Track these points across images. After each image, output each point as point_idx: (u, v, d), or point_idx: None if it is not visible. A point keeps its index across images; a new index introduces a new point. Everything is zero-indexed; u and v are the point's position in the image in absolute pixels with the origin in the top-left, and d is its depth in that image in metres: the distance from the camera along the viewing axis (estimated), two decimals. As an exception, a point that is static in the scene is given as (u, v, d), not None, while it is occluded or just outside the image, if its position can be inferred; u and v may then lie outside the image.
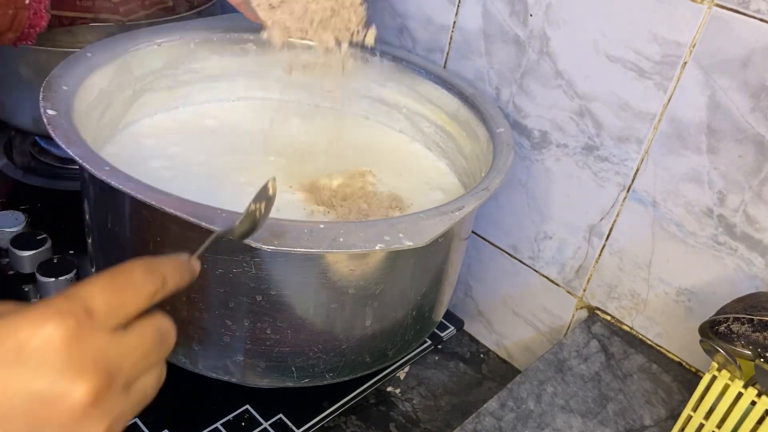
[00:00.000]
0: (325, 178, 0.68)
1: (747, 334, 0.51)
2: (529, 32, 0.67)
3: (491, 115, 0.68)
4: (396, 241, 0.47)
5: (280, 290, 0.51)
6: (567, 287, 0.73)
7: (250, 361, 0.55)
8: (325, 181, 0.68)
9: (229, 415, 0.61)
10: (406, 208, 0.67)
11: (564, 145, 0.68)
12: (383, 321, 0.57)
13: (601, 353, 0.66)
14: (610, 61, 0.62)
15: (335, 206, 0.64)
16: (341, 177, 0.69)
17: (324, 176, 0.69)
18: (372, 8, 0.82)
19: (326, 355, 0.56)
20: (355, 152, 0.75)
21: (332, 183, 0.68)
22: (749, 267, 0.59)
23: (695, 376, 0.65)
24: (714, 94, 0.56)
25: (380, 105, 0.81)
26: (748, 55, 0.54)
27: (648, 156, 0.62)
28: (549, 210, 0.72)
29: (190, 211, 0.45)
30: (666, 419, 0.59)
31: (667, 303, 0.65)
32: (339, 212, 0.64)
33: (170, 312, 0.54)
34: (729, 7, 0.54)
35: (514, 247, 0.77)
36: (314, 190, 0.66)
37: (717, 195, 0.59)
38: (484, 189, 0.55)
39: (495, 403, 0.59)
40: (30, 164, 0.91)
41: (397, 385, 0.71)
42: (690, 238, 0.62)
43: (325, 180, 0.68)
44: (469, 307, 0.84)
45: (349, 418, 0.66)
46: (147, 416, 0.59)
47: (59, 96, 0.56)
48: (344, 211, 0.64)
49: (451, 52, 0.76)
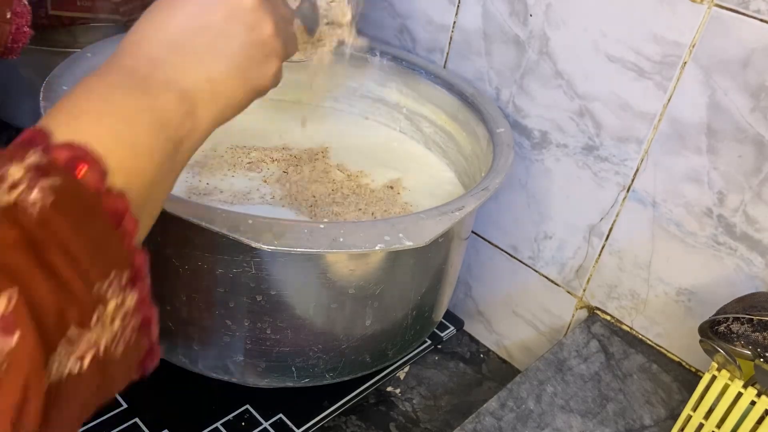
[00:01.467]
0: (322, 179, 0.68)
1: (747, 334, 0.51)
2: (529, 32, 0.67)
3: (491, 115, 0.68)
4: (396, 241, 0.47)
5: (280, 290, 0.51)
6: (567, 287, 0.73)
7: (250, 361, 0.55)
8: (320, 184, 0.68)
9: (229, 415, 0.61)
10: (402, 190, 0.68)
11: (564, 145, 0.68)
12: (383, 321, 0.57)
13: (601, 353, 0.66)
14: (610, 61, 0.62)
15: (334, 204, 0.64)
16: (341, 177, 0.69)
17: (321, 176, 0.69)
18: (372, 8, 0.82)
19: (326, 355, 0.56)
20: (354, 152, 0.75)
21: (331, 183, 0.68)
22: (749, 267, 0.59)
23: (695, 376, 0.65)
24: (714, 94, 0.56)
25: (380, 105, 0.81)
26: (748, 55, 0.54)
27: (648, 156, 0.62)
28: (549, 210, 0.72)
29: (190, 212, 0.45)
30: (666, 419, 0.59)
31: (667, 303, 0.65)
32: (336, 211, 0.64)
33: (170, 312, 0.55)
34: (729, 7, 0.54)
35: (514, 247, 0.77)
36: (309, 191, 0.66)
37: (717, 195, 0.59)
38: (484, 189, 0.55)
39: (495, 403, 0.59)
40: (30, 164, 0.91)
41: (397, 385, 0.71)
42: (690, 238, 0.62)
43: (321, 181, 0.68)
44: (469, 307, 0.84)
45: (349, 418, 0.66)
46: (147, 416, 0.59)
47: (59, 96, 0.55)
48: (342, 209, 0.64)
49: (451, 52, 0.76)
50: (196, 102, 0.34)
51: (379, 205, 0.66)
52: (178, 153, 0.33)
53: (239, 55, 0.36)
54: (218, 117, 0.36)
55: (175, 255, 0.51)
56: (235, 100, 0.37)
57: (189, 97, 0.34)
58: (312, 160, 0.72)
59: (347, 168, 0.72)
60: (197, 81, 0.34)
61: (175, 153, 0.33)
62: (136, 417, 0.59)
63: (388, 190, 0.69)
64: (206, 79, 0.35)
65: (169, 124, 0.32)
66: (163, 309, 0.57)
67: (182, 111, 0.33)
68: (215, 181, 0.66)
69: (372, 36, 0.83)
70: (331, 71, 0.64)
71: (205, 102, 0.34)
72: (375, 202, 0.67)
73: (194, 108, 0.34)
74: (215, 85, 0.35)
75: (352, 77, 0.80)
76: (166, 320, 0.55)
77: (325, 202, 0.65)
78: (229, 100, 0.36)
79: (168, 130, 0.32)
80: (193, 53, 0.35)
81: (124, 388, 0.29)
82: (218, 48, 0.35)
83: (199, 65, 0.35)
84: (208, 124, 0.35)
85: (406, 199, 0.69)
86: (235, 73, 0.36)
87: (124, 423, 0.58)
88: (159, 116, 0.32)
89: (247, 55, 0.36)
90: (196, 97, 0.34)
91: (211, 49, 0.35)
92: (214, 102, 0.35)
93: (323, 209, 0.64)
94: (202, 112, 0.34)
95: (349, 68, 0.79)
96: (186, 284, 0.52)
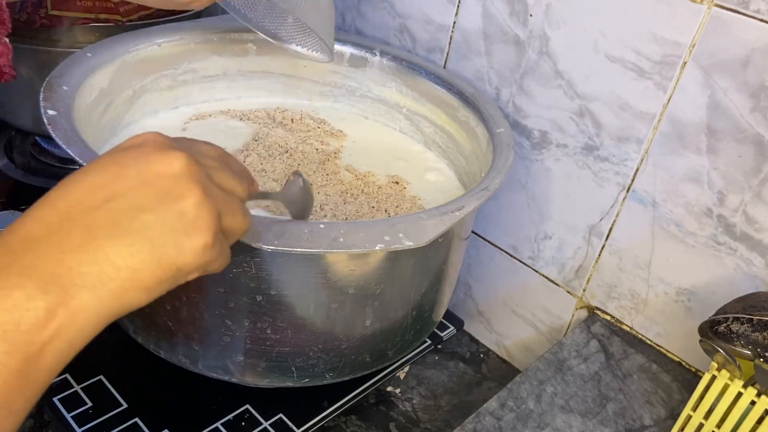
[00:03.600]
0: (331, 180, 0.69)
1: (747, 333, 0.51)
2: (529, 32, 0.67)
3: (491, 115, 0.68)
4: (396, 241, 0.47)
5: (280, 290, 0.51)
6: (567, 287, 0.73)
7: (250, 361, 0.55)
8: (330, 186, 0.68)
9: (229, 415, 0.61)
10: (407, 184, 0.69)
11: (564, 145, 0.68)
12: (383, 321, 0.57)
13: (600, 353, 0.66)
14: (610, 61, 0.62)
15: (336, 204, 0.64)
16: (338, 182, 0.69)
17: (319, 182, 0.69)
18: (372, 8, 0.82)
19: (326, 355, 0.56)
20: (355, 152, 0.75)
21: (332, 184, 0.68)
22: (749, 267, 0.59)
23: (695, 376, 0.65)
24: (714, 94, 0.56)
25: (380, 105, 0.81)
26: (748, 55, 0.54)
27: (648, 156, 0.62)
28: (549, 210, 0.72)
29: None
30: (666, 419, 0.59)
31: (667, 303, 0.65)
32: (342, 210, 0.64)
33: (170, 312, 0.55)
34: (729, 7, 0.54)
35: (514, 247, 0.77)
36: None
37: (717, 195, 0.59)
38: (484, 189, 0.55)
39: (495, 403, 0.59)
40: (30, 164, 0.91)
41: (397, 385, 0.71)
42: (690, 238, 0.62)
43: (330, 184, 0.68)
44: (469, 307, 0.84)
45: (349, 418, 0.66)
46: (147, 416, 0.59)
47: (59, 96, 0.56)
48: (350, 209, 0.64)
49: (451, 52, 0.76)
50: (70, 290, 0.29)
51: (389, 201, 0.67)
52: (37, 361, 0.28)
53: (148, 229, 0.31)
54: (114, 303, 0.30)
55: (175, 255, 0.51)
56: (141, 282, 0.31)
57: (59, 286, 0.28)
58: (310, 161, 0.72)
59: (355, 168, 0.72)
60: (80, 263, 0.29)
61: (27, 364, 0.28)
62: (136, 417, 0.59)
63: (395, 186, 0.70)
64: (91, 260, 0.29)
65: (16, 327, 0.27)
66: (163, 309, 0.58)
67: (41, 307, 0.28)
68: None
69: (372, 36, 0.84)
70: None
71: (90, 287, 0.29)
72: (385, 199, 0.67)
73: (67, 298, 0.29)
74: (105, 267, 0.30)
75: (352, 77, 0.80)
76: (166, 320, 0.55)
77: (336, 203, 0.65)
78: (132, 282, 0.30)
79: (14, 336, 0.27)
80: (84, 229, 0.30)
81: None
82: (120, 222, 0.30)
83: (89, 243, 0.30)
84: (96, 313, 0.30)
85: (413, 193, 0.69)
86: (139, 250, 0.30)
87: (124, 423, 0.58)
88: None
89: (159, 229, 0.31)
90: (73, 283, 0.29)
91: (110, 223, 0.30)
92: (103, 286, 0.30)
93: (337, 209, 0.64)
94: (82, 301, 0.29)
95: (349, 68, 0.79)
96: (186, 284, 0.52)
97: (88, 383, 0.61)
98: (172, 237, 0.31)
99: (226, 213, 0.34)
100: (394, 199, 0.68)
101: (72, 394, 0.60)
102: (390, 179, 0.71)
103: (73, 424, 0.57)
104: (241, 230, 0.36)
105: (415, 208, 0.67)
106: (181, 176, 0.32)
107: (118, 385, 0.62)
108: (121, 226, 0.30)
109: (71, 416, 0.58)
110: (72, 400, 0.60)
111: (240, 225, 0.36)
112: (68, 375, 0.62)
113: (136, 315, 0.58)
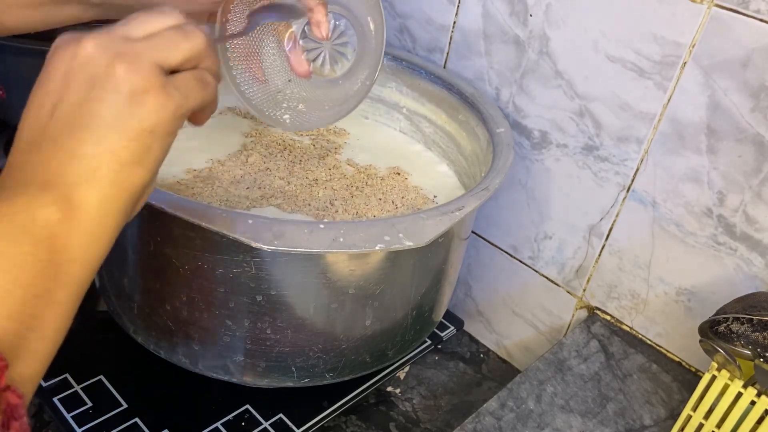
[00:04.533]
0: (325, 180, 0.69)
1: (747, 333, 0.51)
2: (529, 32, 0.67)
3: (491, 115, 0.68)
4: (396, 241, 0.47)
5: (280, 290, 0.51)
6: (567, 287, 0.73)
7: (250, 361, 0.55)
8: (322, 187, 0.68)
9: (229, 415, 0.61)
10: (408, 175, 0.70)
11: (564, 145, 0.68)
12: (383, 321, 0.57)
13: (600, 353, 0.66)
14: (610, 61, 0.62)
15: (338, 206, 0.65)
16: (341, 177, 0.69)
17: (323, 177, 0.69)
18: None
19: (326, 355, 0.56)
20: (355, 149, 0.75)
21: (336, 179, 0.68)
22: (749, 267, 0.59)
23: (695, 376, 0.65)
24: (714, 94, 0.56)
25: (380, 105, 0.81)
26: (747, 55, 0.54)
27: (648, 156, 0.62)
28: (549, 210, 0.72)
29: (190, 212, 0.45)
30: (666, 419, 0.59)
31: (667, 303, 0.65)
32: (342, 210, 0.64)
33: (171, 312, 0.55)
34: (728, 8, 0.54)
35: (514, 247, 0.77)
36: (313, 192, 0.66)
37: (717, 195, 0.59)
38: (484, 189, 0.55)
39: (495, 403, 0.59)
40: (30, 164, 0.91)
41: (397, 385, 0.71)
42: (690, 238, 0.62)
43: (324, 182, 0.68)
44: (469, 307, 0.84)
45: (349, 418, 0.66)
46: (147, 416, 0.59)
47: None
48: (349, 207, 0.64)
49: (451, 52, 0.76)
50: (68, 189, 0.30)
51: (394, 192, 0.68)
52: (66, 252, 0.30)
53: (98, 115, 0.31)
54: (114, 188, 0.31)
55: (175, 255, 0.51)
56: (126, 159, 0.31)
57: (56, 188, 0.30)
58: (310, 161, 0.72)
59: (355, 162, 0.73)
60: (63, 166, 0.30)
61: (56, 255, 0.29)
62: (136, 417, 0.59)
63: (396, 176, 0.71)
64: (70, 161, 0.31)
65: (33, 222, 0.29)
66: (163, 309, 0.58)
67: (49, 202, 0.30)
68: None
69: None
70: None
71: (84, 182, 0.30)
72: (389, 190, 0.68)
73: (68, 195, 0.30)
74: (85, 162, 0.31)
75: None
76: (166, 320, 0.55)
77: (344, 197, 0.66)
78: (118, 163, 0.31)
79: (34, 230, 0.29)
80: (50, 141, 0.31)
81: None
82: (73, 122, 0.31)
83: (60, 150, 0.31)
84: (102, 202, 0.31)
85: (415, 183, 0.70)
86: (104, 135, 0.31)
87: (124, 423, 0.58)
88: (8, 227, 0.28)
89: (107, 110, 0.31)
90: (66, 183, 0.30)
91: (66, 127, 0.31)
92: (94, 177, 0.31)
93: (346, 203, 0.65)
94: (83, 194, 0.30)
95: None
96: (186, 284, 0.52)
97: (88, 383, 0.61)
98: (124, 110, 0.31)
99: (165, 51, 0.33)
100: (398, 190, 0.68)
101: (72, 394, 0.60)
102: (391, 170, 0.72)
103: (73, 424, 0.57)
104: (196, 51, 0.34)
105: (420, 198, 0.68)
106: (95, 56, 0.32)
107: (118, 385, 0.62)
108: (76, 124, 0.31)
109: (71, 416, 0.58)
110: (72, 400, 0.60)
111: (190, 49, 0.34)
112: (68, 375, 0.62)
113: (136, 315, 0.58)
